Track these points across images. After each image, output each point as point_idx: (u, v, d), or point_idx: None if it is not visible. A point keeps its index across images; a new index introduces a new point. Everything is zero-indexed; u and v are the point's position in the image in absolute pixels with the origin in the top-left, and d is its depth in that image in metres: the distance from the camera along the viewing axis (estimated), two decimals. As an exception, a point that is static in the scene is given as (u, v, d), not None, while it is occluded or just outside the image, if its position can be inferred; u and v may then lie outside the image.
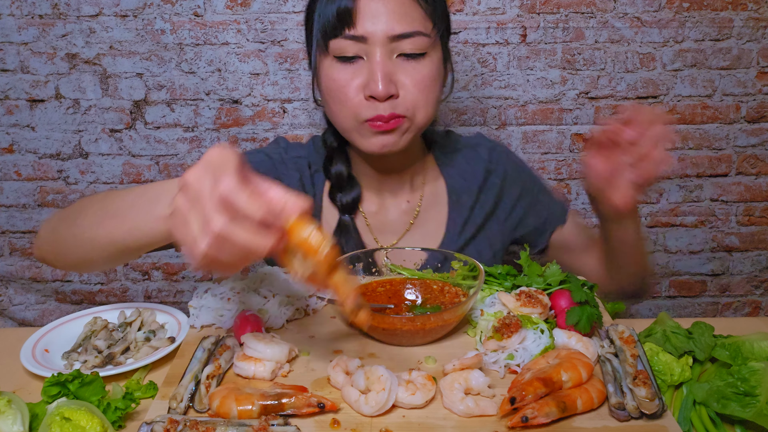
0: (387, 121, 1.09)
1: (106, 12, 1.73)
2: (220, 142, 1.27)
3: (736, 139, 1.87)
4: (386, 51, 1.07)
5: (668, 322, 1.00)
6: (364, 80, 1.08)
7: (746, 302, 2.05)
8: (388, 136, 1.12)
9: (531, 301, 0.96)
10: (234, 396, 0.78)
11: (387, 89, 1.06)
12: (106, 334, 1.06)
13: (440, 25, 1.13)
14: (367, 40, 1.07)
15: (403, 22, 1.06)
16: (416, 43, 1.08)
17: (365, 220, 1.28)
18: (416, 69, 1.09)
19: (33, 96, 1.81)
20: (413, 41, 1.08)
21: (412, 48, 1.08)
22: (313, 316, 1.03)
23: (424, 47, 1.09)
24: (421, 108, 1.12)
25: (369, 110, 1.09)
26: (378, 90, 1.06)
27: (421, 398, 0.79)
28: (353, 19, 1.06)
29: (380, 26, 1.06)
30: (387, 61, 1.08)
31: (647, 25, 1.75)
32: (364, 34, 1.06)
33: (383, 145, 1.13)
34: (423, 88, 1.10)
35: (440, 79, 1.15)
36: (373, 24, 1.06)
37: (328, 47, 1.09)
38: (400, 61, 1.09)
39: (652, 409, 0.76)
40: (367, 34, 1.06)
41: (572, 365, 0.82)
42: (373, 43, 1.07)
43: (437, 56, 1.13)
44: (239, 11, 1.74)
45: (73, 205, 1.06)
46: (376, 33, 1.06)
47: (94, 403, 0.82)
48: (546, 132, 1.85)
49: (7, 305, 2.03)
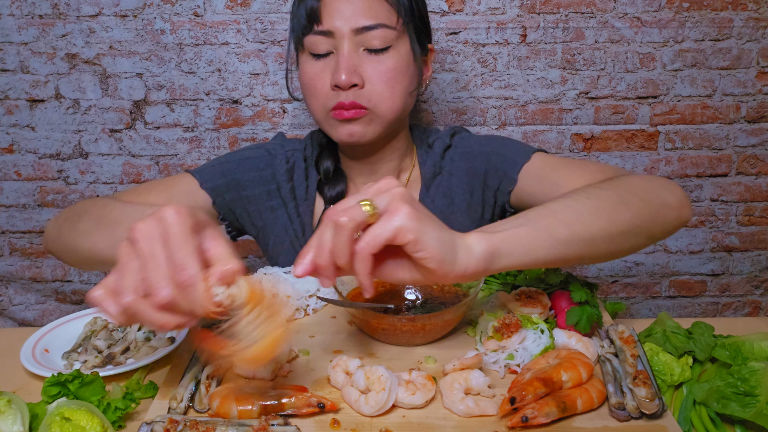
0: (348, 109, 1.13)
1: (105, 12, 1.73)
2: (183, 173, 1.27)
3: (736, 139, 1.87)
4: (352, 44, 1.13)
5: (668, 322, 1.00)
6: (332, 71, 1.14)
7: (746, 302, 2.05)
8: (353, 125, 1.16)
9: (531, 301, 0.96)
10: (234, 396, 0.79)
11: (349, 78, 1.11)
12: (106, 334, 1.06)
13: (407, 17, 1.17)
14: (334, 35, 1.13)
15: (367, 15, 1.12)
16: (381, 35, 1.13)
17: None
18: (380, 61, 1.14)
19: (33, 96, 1.81)
20: (378, 34, 1.12)
21: (378, 42, 1.13)
22: (313, 316, 1.03)
23: (389, 40, 1.14)
24: (386, 99, 1.15)
25: (333, 99, 1.14)
26: (341, 79, 1.11)
27: (421, 398, 0.79)
28: (320, 16, 1.13)
29: (345, 21, 1.12)
30: (352, 53, 1.13)
31: (647, 25, 1.75)
32: (330, 28, 1.13)
33: (350, 134, 1.16)
34: (387, 80, 1.14)
35: (408, 72, 1.18)
36: (338, 19, 1.12)
37: (304, 44, 1.17)
38: (366, 54, 1.14)
39: (652, 409, 0.76)
40: (333, 29, 1.12)
41: (572, 365, 0.82)
42: (339, 37, 1.13)
43: (404, 49, 1.17)
44: (239, 11, 1.74)
45: (79, 205, 1.10)
46: (341, 27, 1.12)
47: (94, 403, 0.82)
48: (546, 132, 1.85)
49: (7, 305, 2.03)
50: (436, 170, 1.30)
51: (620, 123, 1.84)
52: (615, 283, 2.00)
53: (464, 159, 1.29)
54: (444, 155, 1.31)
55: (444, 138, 1.32)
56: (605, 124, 1.85)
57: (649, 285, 2.01)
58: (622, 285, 2.01)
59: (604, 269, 1.99)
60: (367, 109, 1.14)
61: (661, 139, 1.86)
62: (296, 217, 1.30)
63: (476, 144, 1.30)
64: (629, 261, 1.98)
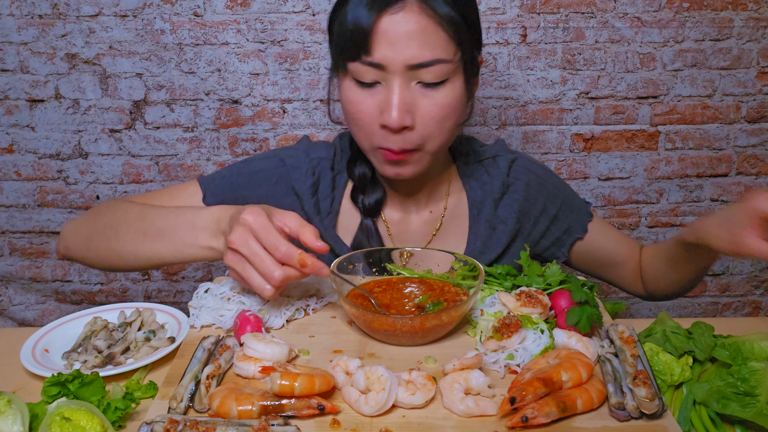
0: (397, 154, 1.08)
1: (105, 12, 1.73)
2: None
3: (736, 139, 1.87)
4: (404, 79, 1.02)
5: (668, 322, 1.00)
6: (381, 106, 1.04)
7: (746, 302, 2.05)
8: (401, 167, 1.11)
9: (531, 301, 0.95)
10: (234, 396, 0.78)
11: (401, 120, 1.03)
12: (106, 334, 1.06)
13: (466, 47, 1.06)
14: (385, 68, 1.02)
15: (423, 49, 1.00)
16: (437, 71, 1.02)
17: (387, 229, 1.25)
18: (434, 99, 1.04)
19: (33, 96, 1.82)
20: (434, 69, 1.02)
21: (432, 77, 1.02)
22: (313, 316, 1.03)
23: (444, 74, 1.03)
24: (435, 138, 1.08)
25: (381, 139, 1.07)
26: (392, 121, 1.02)
27: (421, 398, 0.79)
28: (370, 45, 1.00)
29: (398, 54, 1.00)
30: (404, 90, 1.03)
31: (647, 25, 1.75)
32: (381, 61, 1.01)
33: (397, 174, 1.12)
34: (440, 119, 1.06)
35: (461, 105, 1.09)
36: (390, 51, 1.00)
37: (347, 68, 1.05)
38: (419, 88, 1.04)
39: (652, 409, 0.76)
40: (385, 62, 1.01)
41: (572, 365, 0.82)
42: (391, 72, 1.02)
43: (459, 81, 1.06)
44: (239, 11, 1.73)
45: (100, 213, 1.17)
46: (394, 61, 1.01)
47: (94, 403, 0.82)
48: (546, 132, 1.85)
49: (7, 305, 2.03)
50: (503, 189, 1.24)
51: (620, 123, 1.85)
52: (615, 283, 2.00)
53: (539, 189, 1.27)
54: (509, 173, 1.26)
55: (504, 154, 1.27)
56: (605, 124, 1.85)
57: (649, 285, 2.01)
58: (622, 285, 2.01)
59: (604, 269, 1.99)
60: (415, 150, 1.08)
61: (661, 139, 1.86)
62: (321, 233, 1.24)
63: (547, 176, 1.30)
64: (629, 261, 1.98)
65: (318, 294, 1.07)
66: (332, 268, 0.98)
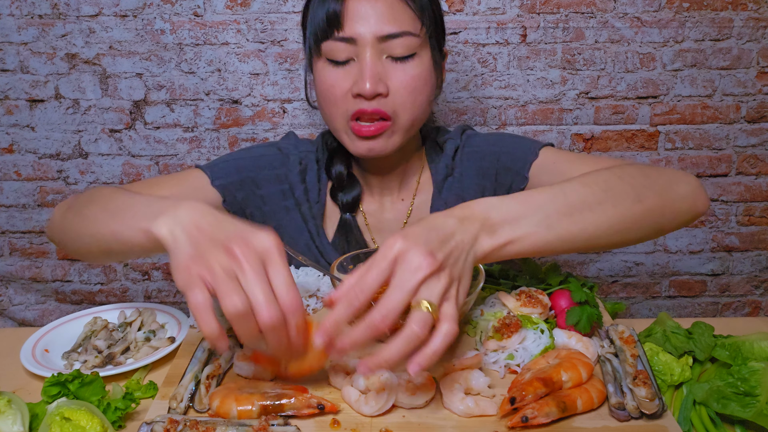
0: (371, 118, 1.10)
1: (105, 12, 1.73)
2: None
3: (736, 139, 1.87)
4: (375, 52, 1.08)
5: (668, 322, 1.00)
6: (354, 79, 1.09)
7: (746, 302, 2.05)
8: (373, 141, 1.13)
9: (531, 301, 0.96)
10: (234, 396, 0.79)
11: (375, 87, 1.07)
12: (106, 334, 1.06)
13: (430, 25, 1.13)
14: (356, 42, 1.08)
15: (391, 22, 1.07)
16: (405, 43, 1.09)
17: (365, 220, 1.29)
18: (405, 70, 1.10)
19: (33, 96, 1.81)
20: (402, 42, 1.08)
21: (402, 49, 1.09)
22: (313, 316, 1.03)
23: (413, 48, 1.10)
24: (408, 109, 1.12)
25: (354, 105, 1.10)
26: (365, 88, 1.07)
27: (421, 398, 0.79)
28: (341, 21, 1.07)
29: (368, 27, 1.07)
30: (376, 61, 1.09)
31: (647, 25, 1.75)
32: (353, 35, 1.08)
33: (369, 149, 1.13)
34: (412, 90, 1.11)
35: (431, 80, 1.15)
36: (361, 25, 1.07)
37: (321, 50, 1.11)
38: (389, 62, 1.10)
39: (652, 409, 0.76)
40: (356, 36, 1.08)
41: (572, 365, 0.82)
42: (362, 45, 1.08)
43: (427, 57, 1.13)
44: (239, 11, 1.73)
45: (86, 193, 1.08)
46: (364, 34, 1.07)
47: (94, 403, 0.82)
48: (546, 132, 1.85)
49: (7, 305, 2.03)
50: (447, 171, 1.28)
51: (620, 123, 1.85)
52: (615, 283, 2.00)
53: (474, 159, 1.28)
54: (455, 156, 1.29)
55: (455, 138, 1.29)
56: (605, 124, 1.85)
57: (649, 285, 2.01)
58: (622, 285, 2.01)
59: (604, 269, 1.99)
60: (389, 119, 1.11)
61: (661, 139, 1.86)
62: (311, 219, 1.26)
63: (484, 143, 1.29)
64: (629, 261, 1.98)
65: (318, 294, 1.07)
66: (332, 269, 0.98)
